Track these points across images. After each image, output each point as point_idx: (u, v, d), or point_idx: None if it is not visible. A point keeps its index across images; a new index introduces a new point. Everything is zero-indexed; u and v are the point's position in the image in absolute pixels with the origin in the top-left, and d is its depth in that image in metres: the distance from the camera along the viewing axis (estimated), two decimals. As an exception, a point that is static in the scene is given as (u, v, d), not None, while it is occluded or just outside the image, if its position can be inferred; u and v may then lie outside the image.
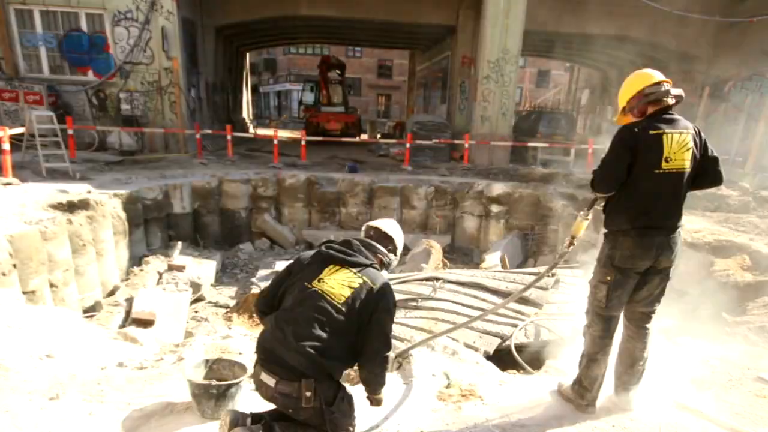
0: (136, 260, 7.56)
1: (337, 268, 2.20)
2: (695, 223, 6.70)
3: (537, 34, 14.29)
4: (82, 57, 11.43)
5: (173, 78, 11.58)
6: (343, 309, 2.10)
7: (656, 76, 2.49)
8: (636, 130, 2.40)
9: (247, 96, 21.49)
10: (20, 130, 8.50)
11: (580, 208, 8.68)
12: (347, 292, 2.13)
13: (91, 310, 6.01)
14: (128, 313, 5.77)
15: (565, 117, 18.09)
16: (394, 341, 4.14)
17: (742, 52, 13.27)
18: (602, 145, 15.03)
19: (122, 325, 5.56)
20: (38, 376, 2.79)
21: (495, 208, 9.75)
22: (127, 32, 11.22)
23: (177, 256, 7.60)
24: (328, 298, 2.11)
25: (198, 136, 11.29)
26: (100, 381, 2.80)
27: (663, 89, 2.45)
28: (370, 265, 2.25)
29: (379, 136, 21.47)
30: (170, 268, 7.19)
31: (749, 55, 13.01)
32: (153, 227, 8.25)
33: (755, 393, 2.90)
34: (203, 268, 7.73)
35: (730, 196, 7.93)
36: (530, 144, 13.43)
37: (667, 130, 2.38)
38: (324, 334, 2.06)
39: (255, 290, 6.89)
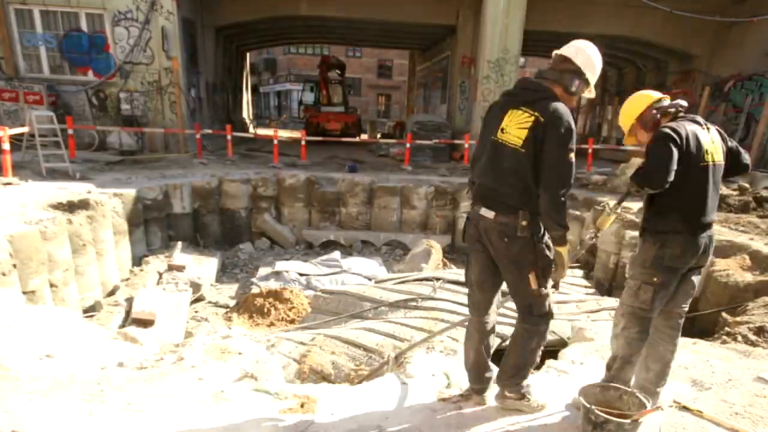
0: (136, 260, 7.57)
1: (513, 110, 2.35)
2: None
3: (537, 34, 14.29)
4: (82, 57, 11.44)
5: (173, 78, 11.59)
6: (523, 151, 2.28)
7: (657, 94, 2.65)
8: (676, 128, 2.42)
9: (247, 96, 21.49)
10: (22, 129, 8.50)
11: (579, 207, 8.69)
12: (523, 134, 2.28)
13: (91, 310, 6.01)
14: (128, 313, 5.78)
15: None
16: (393, 341, 4.15)
17: (742, 52, 13.27)
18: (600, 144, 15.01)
19: (122, 325, 5.56)
20: (38, 376, 2.79)
21: (495, 208, 9.75)
22: (127, 32, 11.23)
23: (177, 256, 7.61)
24: (510, 146, 2.32)
25: (198, 136, 11.29)
26: (100, 381, 2.80)
27: (671, 101, 2.59)
28: (544, 97, 2.31)
29: (378, 135, 21.48)
30: (170, 268, 7.19)
31: (749, 55, 13.02)
32: (153, 227, 8.25)
33: (755, 393, 2.90)
34: (203, 268, 7.73)
35: (730, 196, 7.93)
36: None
37: (698, 129, 2.47)
38: (518, 182, 2.32)
39: (255, 290, 6.90)
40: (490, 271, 2.54)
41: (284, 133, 17.61)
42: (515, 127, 2.32)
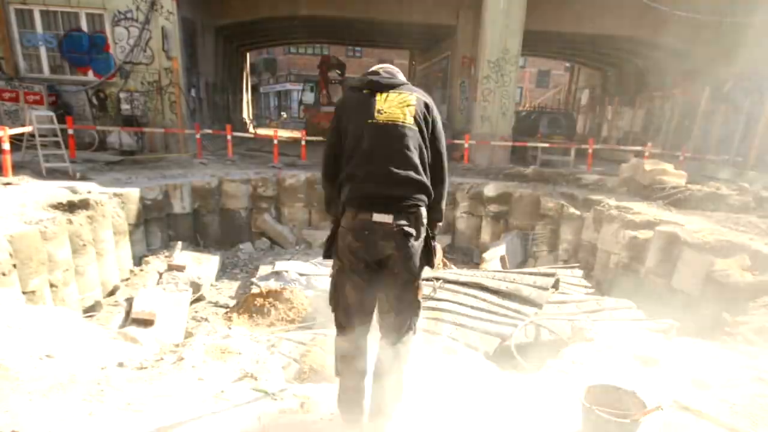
0: (136, 260, 7.57)
1: (387, 94, 2.22)
2: (695, 223, 6.70)
3: (537, 34, 14.29)
4: (82, 57, 11.43)
5: (173, 78, 11.58)
6: (415, 127, 2.18)
7: None
8: None
9: (247, 96, 21.50)
10: (22, 129, 8.49)
11: (579, 207, 8.69)
12: (411, 111, 2.19)
13: (91, 310, 6.01)
14: (128, 313, 5.77)
15: (565, 117, 18.10)
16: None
17: (742, 52, 13.27)
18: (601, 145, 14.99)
19: (122, 325, 5.56)
20: (38, 376, 2.79)
21: (494, 208, 9.76)
22: (127, 32, 11.23)
23: (177, 256, 7.60)
24: (398, 123, 2.16)
25: (198, 136, 11.29)
26: (100, 381, 2.80)
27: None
28: (406, 83, 2.30)
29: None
30: (170, 268, 7.19)
31: (749, 55, 13.02)
32: (153, 227, 8.25)
33: (755, 393, 2.90)
34: (203, 268, 7.73)
35: (730, 196, 7.93)
36: (530, 144, 13.45)
37: None
38: (415, 159, 2.15)
39: (255, 290, 6.90)
40: (371, 293, 2.26)
41: (284, 133, 17.63)
42: (397, 107, 2.19)
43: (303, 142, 12.00)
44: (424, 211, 2.17)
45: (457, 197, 10.10)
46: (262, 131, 21.33)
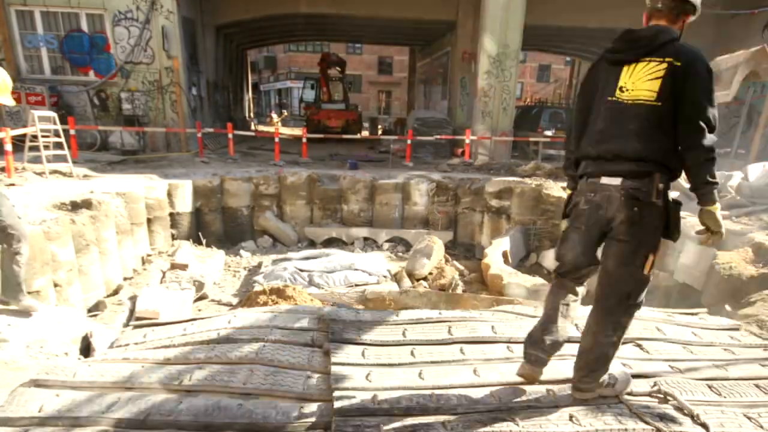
0: (139, 259, 7.60)
1: (633, 65, 2.13)
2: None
3: (537, 28, 14.24)
4: (83, 57, 11.47)
5: (174, 77, 11.60)
6: (659, 104, 2.03)
7: None
8: None
9: (247, 95, 21.51)
10: (25, 130, 8.52)
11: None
12: (656, 85, 2.04)
13: (95, 310, 6.05)
14: (132, 311, 5.81)
15: (566, 111, 18.04)
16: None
17: (744, 45, 13.20)
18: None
19: (126, 324, 5.59)
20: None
21: (496, 203, 9.75)
22: (128, 32, 11.25)
23: (180, 255, 7.63)
24: (640, 102, 2.06)
25: (199, 134, 11.32)
26: (105, 379, 2.82)
27: None
28: (669, 41, 2.09)
29: (380, 131, 21.41)
30: (173, 266, 7.22)
31: (751, 48, 12.95)
32: (156, 226, 8.28)
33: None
34: (206, 266, 7.75)
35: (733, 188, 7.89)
36: (531, 139, 13.42)
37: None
38: (655, 142, 2.05)
39: (257, 288, 6.92)
40: (590, 253, 2.30)
41: (285, 130, 17.63)
42: (643, 81, 2.07)
43: (304, 140, 12.01)
44: (664, 179, 2.07)
45: (459, 193, 10.10)
46: (263, 128, 21.34)
